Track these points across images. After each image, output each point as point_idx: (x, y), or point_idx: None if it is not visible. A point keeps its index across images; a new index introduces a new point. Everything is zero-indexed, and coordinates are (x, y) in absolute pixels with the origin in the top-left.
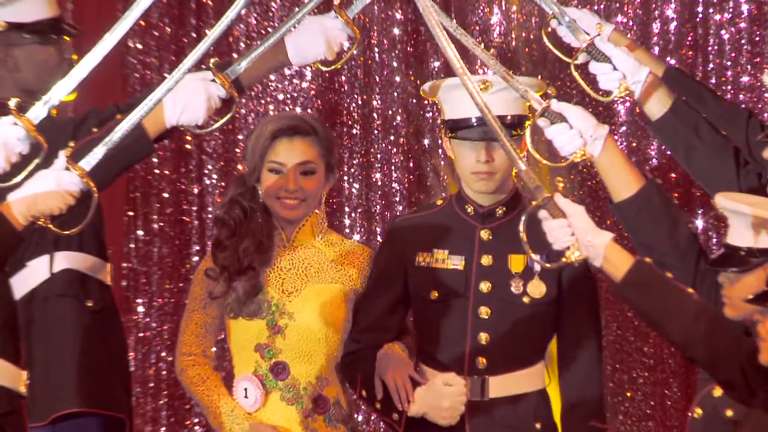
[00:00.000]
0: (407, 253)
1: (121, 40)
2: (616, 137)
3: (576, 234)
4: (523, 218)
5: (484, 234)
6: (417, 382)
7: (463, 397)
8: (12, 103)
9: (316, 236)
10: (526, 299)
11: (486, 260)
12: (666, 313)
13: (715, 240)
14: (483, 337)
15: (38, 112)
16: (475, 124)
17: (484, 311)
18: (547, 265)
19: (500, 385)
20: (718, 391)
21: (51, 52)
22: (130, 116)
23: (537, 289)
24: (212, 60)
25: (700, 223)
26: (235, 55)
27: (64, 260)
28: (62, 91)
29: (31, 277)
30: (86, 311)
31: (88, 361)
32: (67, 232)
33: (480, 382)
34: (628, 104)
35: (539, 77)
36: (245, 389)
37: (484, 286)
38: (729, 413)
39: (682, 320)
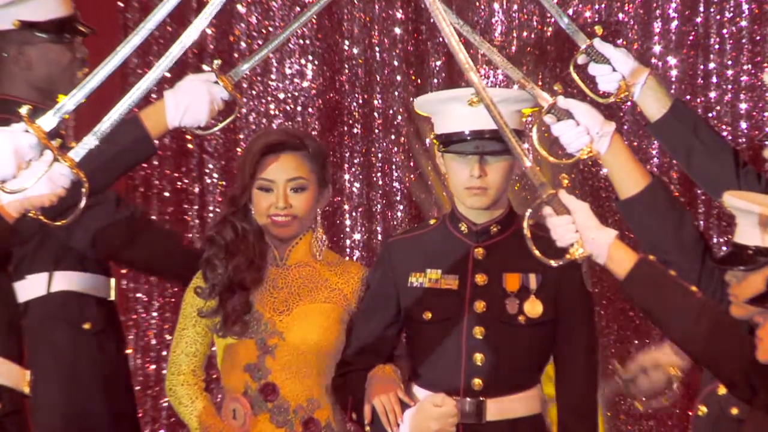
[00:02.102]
0: (400, 273)
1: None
2: None
3: (580, 231)
4: (527, 213)
5: (479, 252)
6: (406, 403)
7: (453, 419)
8: (23, 110)
9: (314, 255)
10: (521, 319)
11: (480, 279)
12: (669, 310)
13: (716, 239)
14: (478, 358)
15: (49, 120)
16: (468, 137)
17: (478, 331)
18: (552, 262)
19: (498, 409)
20: (722, 389)
21: (64, 51)
22: (119, 105)
23: (533, 308)
24: (215, 61)
25: (701, 222)
26: (235, 55)
27: (64, 281)
28: (74, 100)
29: (28, 289)
30: (83, 334)
31: (74, 386)
32: (58, 223)
33: (477, 405)
34: (629, 103)
35: (540, 76)
36: (234, 410)
37: (479, 306)
38: (734, 411)
39: (685, 318)
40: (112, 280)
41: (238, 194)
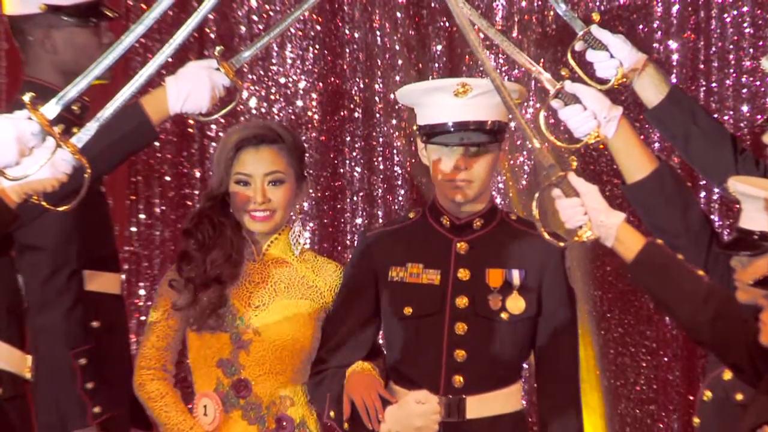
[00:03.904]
0: (379, 267)
1: (123, 22)
2: None
3: (588, 213)
4: (536, 195)
5: (461, 247)
6: (387, 400)
7: (436, 416)
8: (26, 98)
9: (292, 251)
10: (504, 315)
11: (463, 274)
12: (676, 295)
13: (718, 224)
14: (459, 354)
15: (52, 108)
16: (452, 129)
17: (460, 327)
18: (561, 244)
19: (478, 406)
20: (727, 375)
21: (89, 35)
22: (122, 92)
23: (516, 304)
24: (217, 48)
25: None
26: (236, 39)
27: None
28: (77, 88)
29: None
30: (91, 332)
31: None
32: (60, 209)
33: (457, 402)
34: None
35: (542, 60)
36: (204, 406)
37: (461, 302)
38: (739, 397)
39: (692, 303)
40: (120, 276)
41: (215, 188)
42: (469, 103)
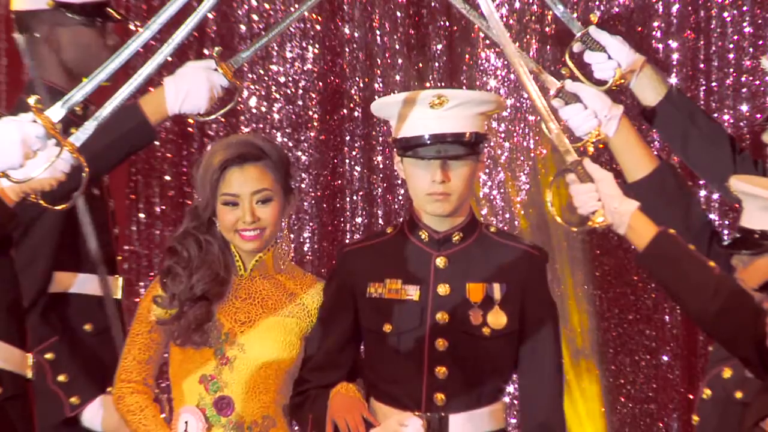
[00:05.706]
0: (357, 284)
1: (123, 24)
2: None
3: (602, 200)
4: (551, 180)
5: (440, 261)
6: (370, 423)
7: None
8: (32, 100)
9: (279, 267)
10: (485, 330)
11: (443, 290)
12: (686, 285)
13: (717, 222)
14: (440, 371)
15: (57, 112)
16: (428, 142)
17: (441, 344)
18: (574, 229)
19: (461, 424)
20: (727, 373)
21: (95, 36)
22: (121, 91)
23: (497, 319)
24: (216, 49)
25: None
26: (236, 38)
27: (68, 284)
28: (83, 92)
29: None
30: (83, 335)
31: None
32: (58, 208)
33: (438, 421)
34: None
35: (540, 60)
36: (186, 422)
37: (441, 318)
38: (739, 395)
39: (702, 294)
40: (120, 278)
41: (201, 209)
42: (445, 115)
